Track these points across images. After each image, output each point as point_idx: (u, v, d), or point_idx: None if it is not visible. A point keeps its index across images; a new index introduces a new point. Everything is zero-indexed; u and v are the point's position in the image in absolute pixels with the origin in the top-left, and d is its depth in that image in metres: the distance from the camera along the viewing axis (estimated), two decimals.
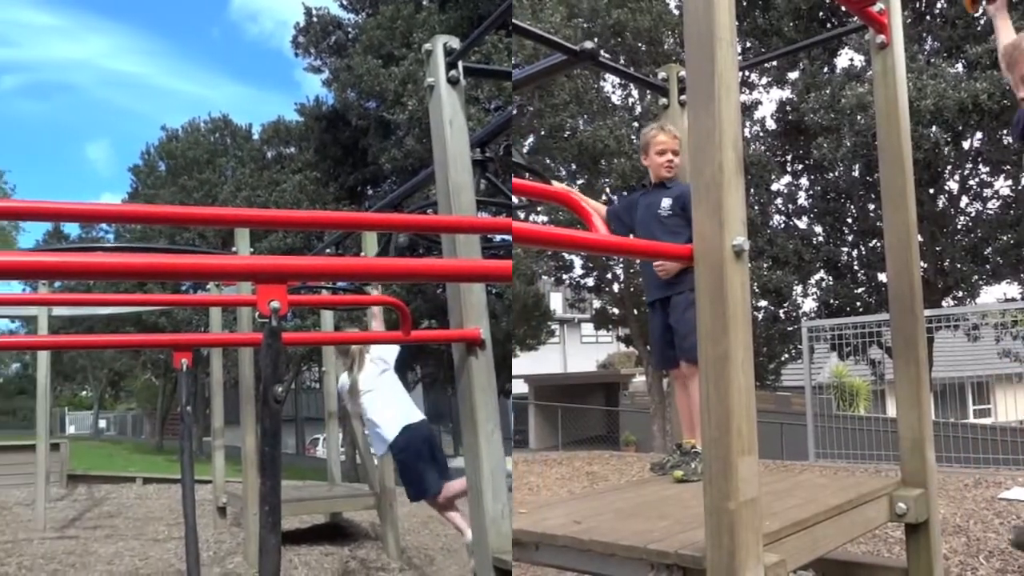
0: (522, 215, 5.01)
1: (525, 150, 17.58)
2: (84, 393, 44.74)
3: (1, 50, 66.05)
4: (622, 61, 16.91)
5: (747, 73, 16.51)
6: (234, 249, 7.71)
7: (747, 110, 17.94)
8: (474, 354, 3.54)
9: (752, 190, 16.86)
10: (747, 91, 17.80)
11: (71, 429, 43.65)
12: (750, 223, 3.01)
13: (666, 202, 4.20)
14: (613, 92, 18.91)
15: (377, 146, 21.02)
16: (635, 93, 18.48)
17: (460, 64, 3.76)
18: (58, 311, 11.14)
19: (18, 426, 33.49)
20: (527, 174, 4.76)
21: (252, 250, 8.04)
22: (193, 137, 30.81)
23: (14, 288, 22.15)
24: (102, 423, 43.09)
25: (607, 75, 17.65)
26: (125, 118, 76.97)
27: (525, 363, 25.90)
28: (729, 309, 2.44)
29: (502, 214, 4.78)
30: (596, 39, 16.19)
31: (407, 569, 7.36)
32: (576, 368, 35.54)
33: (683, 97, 4.61)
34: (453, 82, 3.73)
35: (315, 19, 24.43)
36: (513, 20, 4.33)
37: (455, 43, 3.75)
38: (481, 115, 16.33)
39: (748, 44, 17.00)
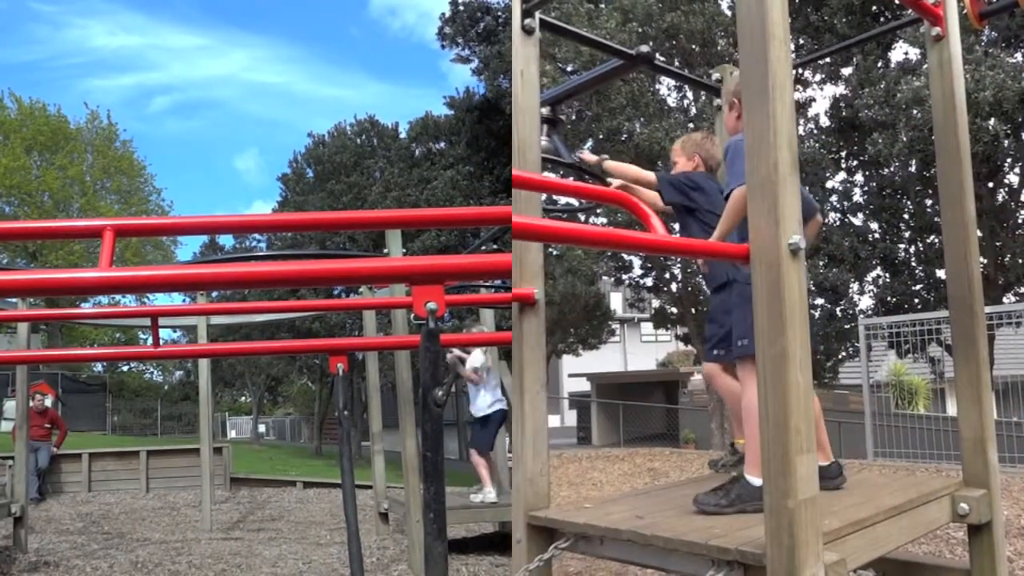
0: (582, 217, 5.02)
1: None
2: (243, 399, 46.95)
3: (150, 74, 70.09)
4: (676, 63, 17.16)
5: (800, 71, 16.78)
6: (386, 251, 7.89)
7: (801, 108, 18.05)
8: (527, 314, 3.59)
9: (807, 187, 16.70)
10: (800, 88, 17.96)
11: (232, 434, 45.93)
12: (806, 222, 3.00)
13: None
14: (668, 94, 19.26)
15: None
16: (690, 95, 18.77)
17: (537, 14, 3.74)
18: (216, 320, 11.74)
19: (183, 431, 35.51)
20: (586, 176, 4.76)
21: (405, 251, 8.21)
22: (339, 141, 31.72)
23: (175, 299, 23.48)
24: (261, 427, 45.12)
25: (662, 78, 18.12)
26: (271, 128, 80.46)
27: (587, 362, 26.66)
28: (786, 308, 2.51)
29: (569, 177, 4.76)
30: (651, 43, 16.30)
31: None
32: (636, 367, 36.41)
33: None
34: (528, 31, 3.71)
35: (462, 7, 24.68)
36: (571, 28, 4.37)
37: None
38: (557, 74, 16.47)
39: (801, 41, 17.00)
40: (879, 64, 16.58)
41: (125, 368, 39.75)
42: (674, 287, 19.86)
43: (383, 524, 9.24)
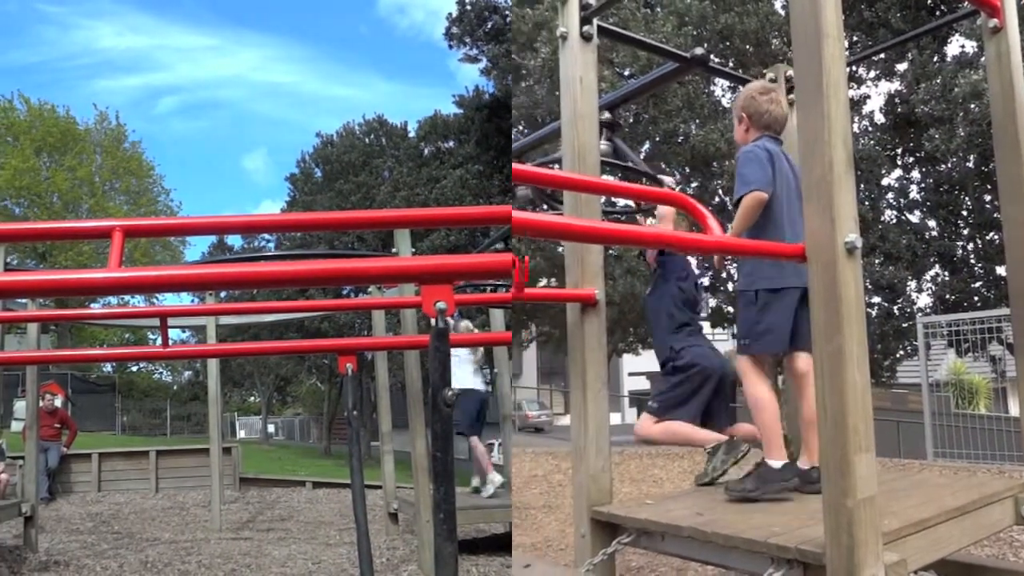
0: (640, 219, 5.06)
1: (641, 156, 17.93)
2: (252, 399, 47.05)
3: (158, 74, 70.22)
4: (730, 64, 17.30)
5: (855, 68, 16.77)
6: (394, 250, 7.89)
7: (855, 105, 18.01)
8: (588, 314, 3.65)
9: (862, 185, 16.95)
10: (855, 86, 17.91)
11: (241, 434, 46.00)
12: (861, 219, 3.04)
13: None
14: (723, 95, 19.37)
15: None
16: None
17: (595, 21, 3.77)
18: (225, 320, 11.76)
19: (192, 431, 35.56)
20: (643, 178, 4.81)
21: (414, 250, 8.21)
22: (348, 140, 31.75)
23: (184, 300, 23.53)
24: (270, 427, 45.18)
25: (717, 79, 18.38)
26: (279, 128, 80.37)
27: (646, 360, 26.64)
28: (843, 306, 2.52)
29: (627, 181, 4.81)
30: (705, 45, 16.54)
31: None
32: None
33: (791, 96, 4.59)
34: (586, 38, 3.74)
35: (469, 6, 24.66)
36: (628, 33, 4.40)
37: None
38: (614, 78, 16.57)
39: (855, 38, 17.00)
40: (935, 58, 16.50)
41: (134, 368, 39.88)
42: (730, 286, 19.84)
43: (393, 524, 9.25)
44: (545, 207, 5.39)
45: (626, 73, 17.76)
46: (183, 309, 11.03)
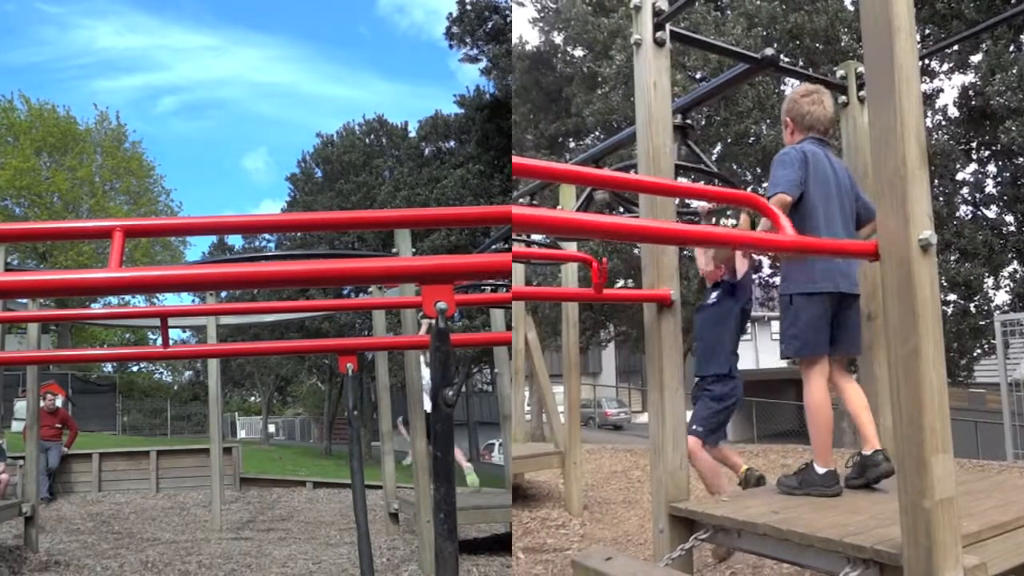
0: (713, 219, 5.17)
1: (712, 158, 17.99)
2: (253, 399, 47.04)
3: (157, 74, 70.18)
4: (800, 63, 17.24)
5: (927, 61, 16.45)
6: (395, 250, 7.89)
7: (928, 99, 17.80)
8: (664, 314, 3.73)
9: (936, 181, 16.77)
10: (927, 79, 17.71)
11: (242, 434, 46.00)
12: (936, 215, 3.04)
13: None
14: None
15: (582, 97, 21.18)
16: None
17: (668, 27, 3.87)
18: (225, 320, 11.76)
19: (192, 431, 35.55)
20: (715, 180, 4.88)
21: (414, 250, 8.21)
22: (348, 140, 31.76)
23: (184, 300, 23.55)
24: (271, 428, 45.16)
25: (787, 79, 18.23)
26: (279, 127, 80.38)
27: None
28: (918, 305, 2.49)
29: (700, 183, 4.88)
30: (775, 45, 16.58)
31: (588, 524, 7.40)
32: (767, 364, 36.34)
33: (862, 93, 4.63)
34: (659, 43, 3.85)
35: (469, 6, 24.64)
36: (699, 36, 4.49)
37: (664, 4, 3.85)
38: (687, 82, 16.61)
39: (927, 31, 16.78)
40: (1011, 48, 16.26)
41: (135, 368, 39.84)
42: None
43: (393, 524, 9.25)
44: (621, 209, 5.48)
45: (698, 76, 17.91)
46: (183, 309, 11.06)
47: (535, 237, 7.35)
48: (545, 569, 5.93)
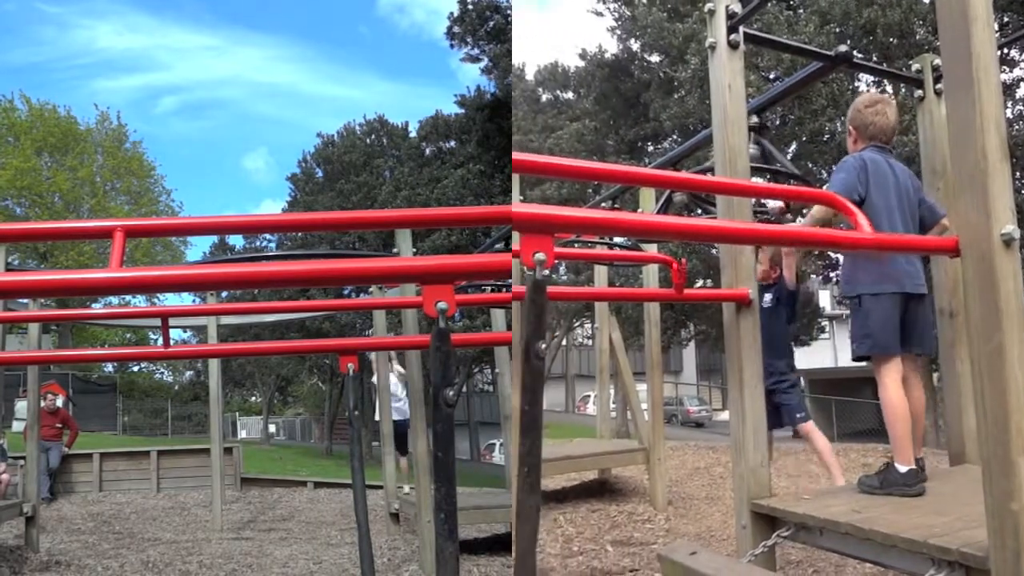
0: (789, 217, 5.21)
1: (788, 157, 18.03)
2: (254, 399, 47.02)
3: (157, 74, 70.16)
4: (874, 59, 17.13)
5: (1006, 50, 16.11)
6: (396, 250, 7.90)
7: (1008, 89, 17.42)
8: (743, 313, 3.77)
9: (1018, 174, 16.52)
10: (1007, 69, 17.42)
11: (243, 434, 45.97)
12: (1018, 209, 2.99)
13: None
14: (868, 90, 18.96)
15: (659, 102, 21.27)
16: (889, 88, 18.47)
17: (741, 29, 3.93)
18: (226, 320, 11.77)
19: (193, 431, 35.52)
20: (790, 180, 4.91)
21: (415, 250, 8.21)
22: (349, 140, 31.75)
23: (185, 300, 23.55)
24: (272, 428, 45.12)
25: (861, 75, 18.14)
26: (279, 127, 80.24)
27: (798, 358, 27.01)
28: (1001, 301, 2.43)
29: (777, 183, 4.91)
30: (848, 41, 16.41)
31: (673, 519, 7.51)
32: (846, 363, 35.89)
33: (939, 86, 4.61)
34: (734, 46, 3.91)
35: (471, 6, 24.63)
36: (772, 37, 4.53)
37: (737, 7, 3.91)
38: (760, 82, 16.69)
39: (1006, 19, 16.47)
40: None
41: (136, 368, 39.81)
42: None
43: (394, 524, 9.25)
44: (699, 211, 5.52)
45: (771, 76, 17.83)
46: (184, 309, 11.05)
47: (617, 240, 7.43)
48: (632, 562, 6.04)
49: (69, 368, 29.18)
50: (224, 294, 14.03)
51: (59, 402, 13.43)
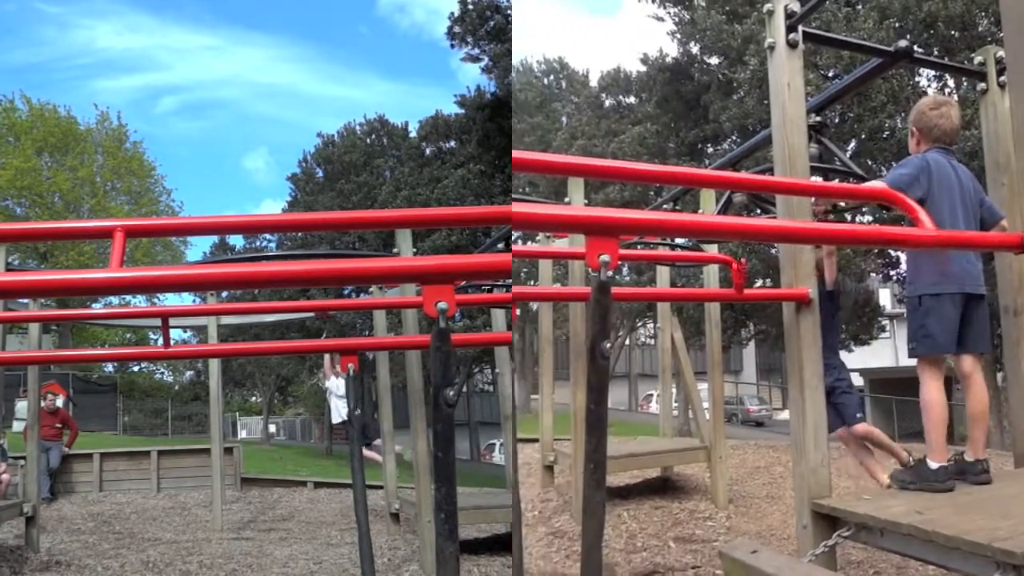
0: (849, 216, 5.20)
1: (847, 155, 17.97)
2: (254, 399, 46.99)
3: (157, 74, 70.14)
4: (935, 53, 16.93)
5: None
6: (396, 250, 7.90)
7: None
8: (802, 313, 3.78)
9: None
10: None
11: (243, 434, 45.95)
12: None
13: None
14: (928, 85, 18.84)
15: (718, 104, 21.34)
16: (951, 82, 18.38)
17: (800, 28, 3.93)
18: (226, 320, 11.77)
19: (193, 431, 35.52)
20: (850, 178, 4.92)
21: (415, 250, 8.22)
22: (349, 140, 31.75)
23: (185, 300, 23.53)
24: (272, 428, 45.10)
25: (922, 69, 17.97)
26: (279, 127, 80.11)
27: (858, 357, 27.31)
28: None
29: (835, 182, 4.91)
30: (908, 36, 16.30)
31: (734, 517, 7.56)
32: (907, 361, 36.02)
33: (1002, 78, 4.56)
34: (792, 45, 3.91)
35: (471, 6, 24.63)
36: (831, 35, 4.53)
37: (796, 6, 3.91)
38: (819, 81, 16.60)
39: None
40: None
41: (136, 368, 39.81)
42: None
43: (394, 524, 9.25)
44: (759, 211, 5.53)
45: (830, 74, 17.69)
46: (184, 309, 11.06)
47: (678, 241, 7.48)
48: (694, 558, 6.12)
49: (69, 368, 29.18)
50: (224, 294, 14.03)
51: (59, 402, 13.44)
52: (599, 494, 2.20)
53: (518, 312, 4.86)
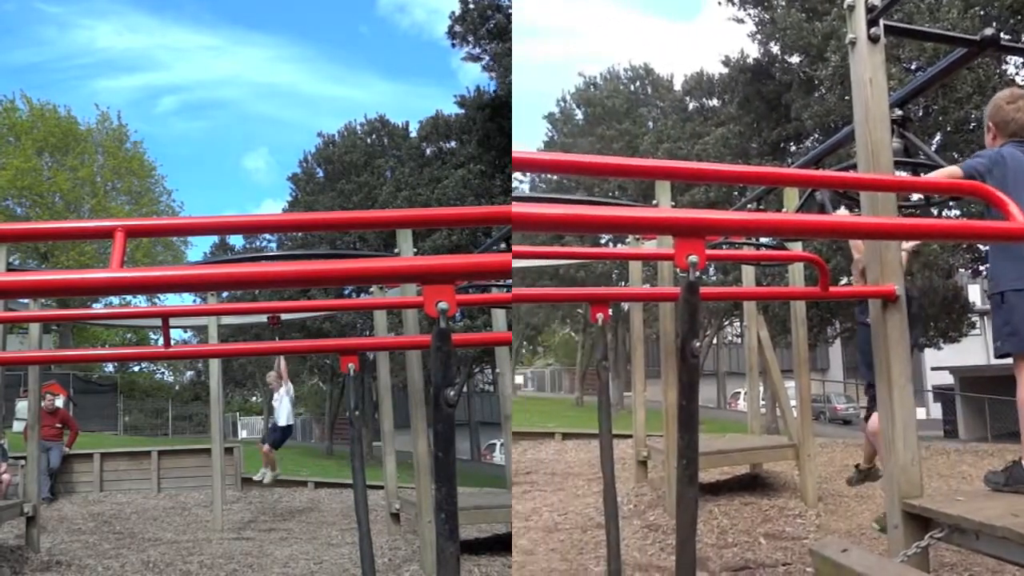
0: (935, 211, 5.15)
1: (932, 148, 17.76)
2: (254, 399, 47.02)
3: (158, 74, 70.16)
4: (1023, 40, 16.62)
5: None
6: (396, 250, 7.90)
7: None
8: (889, 310, 3.72)
9: None
10: None
11: (243, 434, 45.94)
12: None
13: None
14: (1016, 74, 18.47)
15: (800, 102, 21.36)
16: None
17: (881, 21, 3.88)
18: (226, 320, 11.78)
19: (194, 431, 35.53)
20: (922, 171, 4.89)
21: (415, 250, 8.22)
22: (350, 140, 31.76)
23: (186, 300, 23.55)
24: None
25: (1009, 57, 17.57)
26: (280, 127, 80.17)
27: (949, 355, 27.03)
28: None
29: (919, 175, 4.86)
30: (995, 24, 16.05)
31: (823, 515, 7.57)
32: (999, 360, 35.72)
33: None
34: (874, 40, 3.86)
35: (472, 5, 24.63)
36: (913, 27, 4.43)
37: (876, 0, 3.87)
38: (902, 74, 16.44)
39: None
40: None
41: (136, 368, 39.83)
42: None
43: (395, 524, 9.25)
44: (843, 208, 5.51)
45: (913, 67, 17.49)
46: (185, 309, 11.05)
47: (763, 240, 7.49)
48: (784, 555, 6.14)
49: (70, 368, 29.20)
50: (224, 294, 14.03)
51: (59, 402, 13.45)
52: (692, 489, 2.22)
53: (610, 312, 4.87)
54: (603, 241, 25.69)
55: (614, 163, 4.05)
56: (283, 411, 11.70)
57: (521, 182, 32.37)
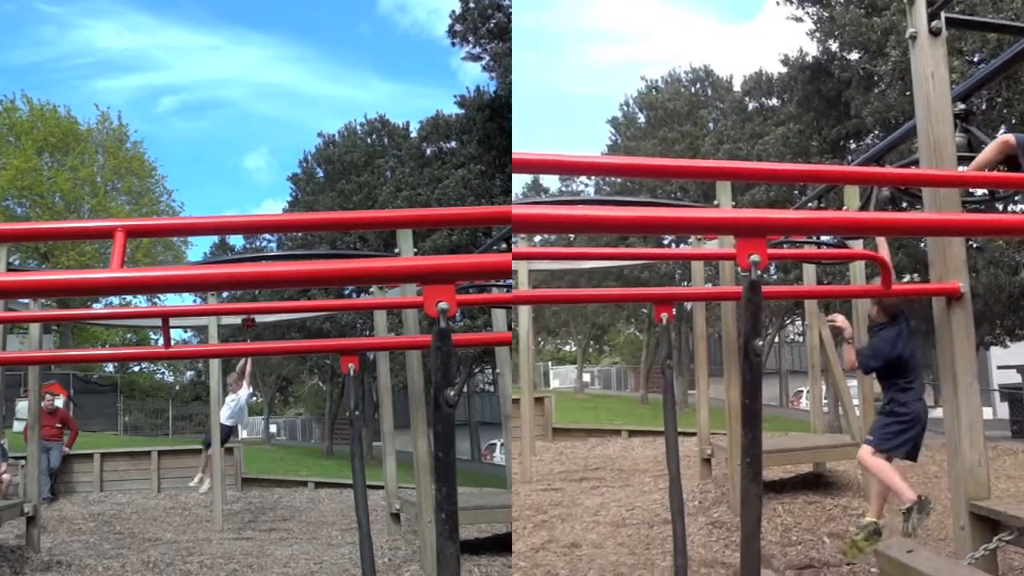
0: (1000, 207, 5.13)
1: None
2: (255, 399, 47.06)
3: (157, 74, 70.18)
4: None
5: None
6: (397, 251, 7.90)
7: None
8: (953, 308, 3.70)
9: None
10: None
11: (243, 434, 45.94)
12: None
13: None
14: None
15: (859, 99, 21.32)
16: None
17: (943, 14, 3.86)
18: (226, 320, 11.79)
19: (194, 431, 35.48)
20: (1002, 167, 4.83)
21: (416, 250, 8.23)
22: (350, 140, 31.74)
23: (186, 300, 23.56)
24: (272, 428, 45.13)
25: None
26: (280, 127, 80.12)
27: (1016, 353, 26.24)
28: None
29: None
30: None
31: (887, 515, 7.53)
32: None
33: None
34: (935, 33, 3.85)
35: (472, 4, 24.60)
36: (975, 18, 4.37)
37: None
38: (964, 67, 16.18)
39: None
40: None
41: (136, 368, 39.81)
42: None
43: (395, 525, 9.25)
44: (904, 204, 5.47)
45: (975, 60, 17.16)
46: (185, 309, 11.05)
47: (824, 238, 7.49)
48: None
49: (70, 368, 29.21)
50: (224, 294, 14.03)
51: (59, 402, 13.45)
52: (756, 487, 2.23)
53: (674, 311, 4.85)
54: (666, 242, 25.67)
55: (611, 162, 4.07)
56: (227, 410, 11.44)
57: (586, 186, 32.33)
